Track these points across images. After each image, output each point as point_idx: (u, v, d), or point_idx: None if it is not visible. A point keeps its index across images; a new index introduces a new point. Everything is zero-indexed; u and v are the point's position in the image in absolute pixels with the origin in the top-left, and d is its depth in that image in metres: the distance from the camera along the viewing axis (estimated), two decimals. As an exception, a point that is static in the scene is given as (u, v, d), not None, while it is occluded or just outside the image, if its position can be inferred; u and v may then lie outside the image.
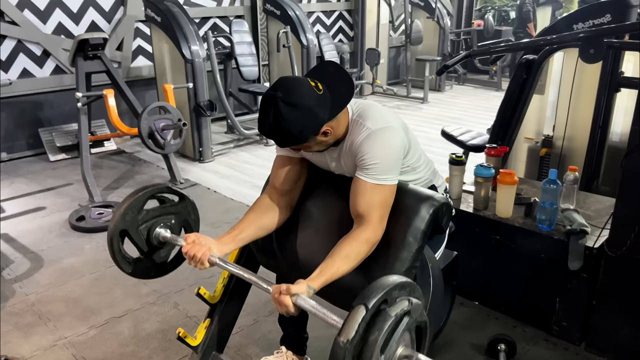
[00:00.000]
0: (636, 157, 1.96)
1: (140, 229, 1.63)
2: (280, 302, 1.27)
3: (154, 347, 2.32)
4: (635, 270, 2.05)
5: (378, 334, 1.01)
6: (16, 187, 4.21)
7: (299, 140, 1.44)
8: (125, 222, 1.61)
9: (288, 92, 1.38)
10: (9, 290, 2.77)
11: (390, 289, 1.05)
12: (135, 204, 1.62)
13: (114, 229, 1.60)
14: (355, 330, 1.00)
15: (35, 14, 4.77)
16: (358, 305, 1.02)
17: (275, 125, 1.39)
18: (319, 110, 1.40)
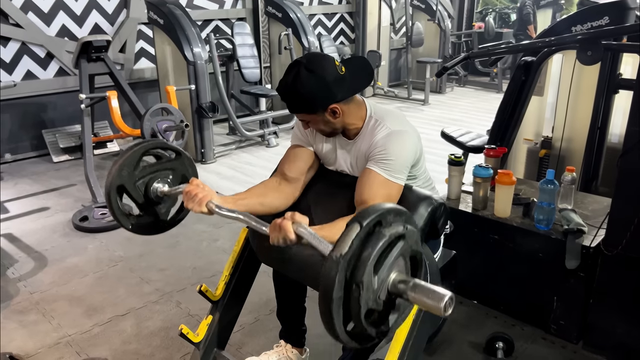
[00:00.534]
0: (632, 158, 1.99)
1: (137, 185, 1.64)
2: (281, 227, 1.27)
3: (156, 345, 2.35)
4: (631, 269, 2.07)
5: (371, 250, 1.01)
6: (20, 187, 4.26)
7: (308, 107, 1.53)
8: (122, 178, 1.61)
9: (312, 61, 1.51)
10: (14, 288, 2.80)
11: (386, 211, 1.05)
12: (130, 160, 1.62)
13: (110, 184, 1.61)
14: (349, 246, 0.99)
15: (39, 17, 4.82)
16: (352, 223, 1.02)
17: (292, 86, 1.51)
18: (334, 86, 1.50)
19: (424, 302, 1.03)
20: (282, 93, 1.55)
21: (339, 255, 0.99)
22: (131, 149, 1.63)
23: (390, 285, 1.07)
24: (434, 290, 1.03)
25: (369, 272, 1.01)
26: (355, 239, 1.00)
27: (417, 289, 1.04)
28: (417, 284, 1.05)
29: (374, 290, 1.04)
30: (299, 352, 1.91)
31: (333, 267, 0.98)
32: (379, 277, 1.05)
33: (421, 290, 1.04)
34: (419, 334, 1.45)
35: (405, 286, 1.06)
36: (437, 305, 1.00)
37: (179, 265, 3.03)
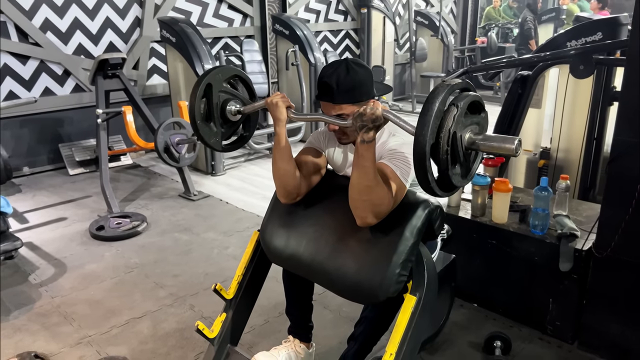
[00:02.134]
0: (619, 165, 2.12)
1: (219, 94, 1.91)
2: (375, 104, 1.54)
3: (172, 345, 2.48)
4: (620, 270, 2.19)
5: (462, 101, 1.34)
6: (38, 199, 4.43)
7: (358, 95, 1.68)
8: (214, 78, 1.88)
9: (354, 59, 1.74)
10: (36, 293, 2.95)
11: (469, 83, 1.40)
12: (226, 71, 1.94)
13: (204, 78, 1.87)
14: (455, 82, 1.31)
15: (57, 36, 5.03)
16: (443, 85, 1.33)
17: (345, 74, 1.65)
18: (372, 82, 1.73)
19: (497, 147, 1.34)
20: (331, 84, 1.66)
21: (448, 84, 1.31)
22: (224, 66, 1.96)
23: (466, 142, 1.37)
24: (503, 137, 1.34)
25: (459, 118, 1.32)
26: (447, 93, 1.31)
27: (487, 139, 1.36)
28: (486, 136, 1.38)
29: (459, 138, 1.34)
30: (307, 347, 2.03)
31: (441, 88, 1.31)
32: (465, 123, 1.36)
33: (491, 139, 1.36)
34: (417, 325, 1.58)
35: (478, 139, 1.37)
36: (510, 147, 1.30)
37: (192, 271, 3.17)
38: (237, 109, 1.94)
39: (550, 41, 3.63)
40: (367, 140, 1.52)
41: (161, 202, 4.30)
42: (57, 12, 4.99)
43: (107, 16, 5.32)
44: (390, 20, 7.63)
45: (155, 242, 3.59)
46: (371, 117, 1.48)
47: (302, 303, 2.03)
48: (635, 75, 2.02)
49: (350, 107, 1.67)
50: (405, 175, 1.64)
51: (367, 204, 1.56)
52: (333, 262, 1.70)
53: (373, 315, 1.78)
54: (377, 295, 1.60)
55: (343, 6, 7.62)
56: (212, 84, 1.88)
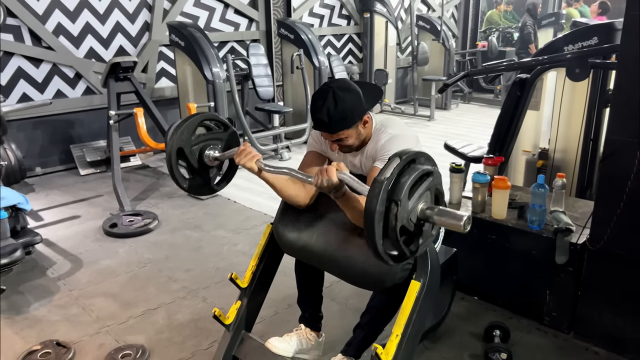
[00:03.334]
0: (611, 163, 2.25)
1: (193, 149, 1.96)
2: (327, 171, 1.56)
3: (186, 334, 2.61)
4: (612, 262, 2.31)
5: (408, 177, 1.34)
6: (51, 198, 4.56)
7: (350, 121, 1.76)
8: (182, 141, 1.93)
9: (340, 83, 1.77)
10: (54, 286, 3.08)
11: (419, 153, 1.39)
12: (190, 126, 1.94)
13: (172, 146, 1.92)
14: (391, 172, 1.31)
15: (69, 40, 5.18)
16: (394, 157, 1.35)
17: (334, 107, 1.72)
18: (362, 98, 1.78)
19: (448, 222, 1.37)
20: (324, 119, 1.73)
21: (384, 179, 1.32)
22: (189, 118, 1.95)
23: (419, 211, 1.39)
24: (454, 212, 1.36)
25: (405, 193, 1.34)
26: (396, 168, 1.33)
27: (441, 213, 1.38)
28: (440, 209, 1.40)
29: (407, 210, 1.37)
30: (317, 335, 2.16)
31: (377, 187, 1.32)
32: (412, 201, 1.37)
33: (444, 214, 1.38)
34: (421, 308, 1.70)
35: (431, 212, 1.39)
36: (458, 224, 1.33)
37: (203, 266, 3.30)
38: (214, 155, 1.98)
39: (549, 45, 3.76)
40: (338, 197, 1.63)
41: (171, 201, 4.43)
42: (69, 16, 5.13)
43: (117, 21, 5.47)
44: (392, 24, 7.77)
45: (166, 239, 3.72)
46: (330, 187, 1.58)
47: (313, 294, 2.16)
48: (626, 77, 2.14)
49: (346, 131, 1.79)
50: None
51: None
52: (343, 252, 1.83)
53: (379, 305, 1.90)
54: (384, 281, 1.73)
55: (346, 11, 7.76)
56: (182, 147, 1.93)
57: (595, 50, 3.07)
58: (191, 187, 2.02)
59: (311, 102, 1.80)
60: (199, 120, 1.97)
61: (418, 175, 1.36)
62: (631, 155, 2.13)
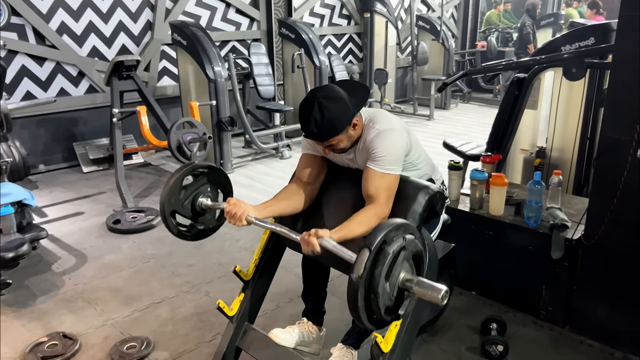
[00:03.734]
0: (605, 160, 2.31)
1: (184, 205, 2.03)
2: (309, 242, 1.60)
3: (190, 327, 2.66)
4: (606, 257, 2.37)
5: (381, 267, 1.37)
6: (55, 195, 4.61)
7: (338, 129, 1.78)
8: (172, 205, 2.01)
9: (325, 91, 1.80)
10: (59, 281, 3.13)
11: (387, 232, 1.39)
12: (174, 188, 2.00)
13: (164, 212, 2.00)
14: (363, 268, 1.34)
15: (72, 38, 5.23)
16: (363, 249, 1.37)
17: (321, 118, 1.75)
18: (349, 102, 1.80)
19: (426, 294, 1.41)
20: (312, 129, 1.77)
21: (357, 277, 1.34)
22: (172, 179, 2.00)
23: (400, 283, 1.44)
24: (433, 285, 1.40)
25: (382, 283, 1.38)
26: (367, 262, 1.36)
27: (420, 284, 1.42)
28: (419, 281, 1.43)
29: (387, 293, 1.41)
30: (318, 329, 2.21)
31: (353, 286, 1.36)
32: (390, 282, 1.41)
33: (423, 286, 1.41)
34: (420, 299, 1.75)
35: (410, 284, 1.43)
36: (436, 297, 1.37)
37: (206, 261, 3.35)
38: (206, 204, 2.05)
39: (547, 45, 3.82)
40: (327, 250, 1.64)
41: (173, 198, 4.48)
42: (72, 15, 5.19)
43: (120, 20, 5.52)
44: (392, 24, 7.82)
45: (169, 235, 3.64)
46: (314, 253, 1.64)
47: (318, 289, 2.21)
48: (620, 77, 2.20)
49: (336, 137, 1.83)
50: (389, 165, 1.81)
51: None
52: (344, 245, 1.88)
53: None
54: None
55: (347, 11, 7.82)
56: (175, 210, 2.01)
57: (591, 50, 3.13)
58: (194, 235, 2.11)
59: (299, 112, 1.83)
60: (182, 177, 2.02)
61: (391, 259, 1.38)
62: (625, 152, 2.18)
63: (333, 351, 2.01)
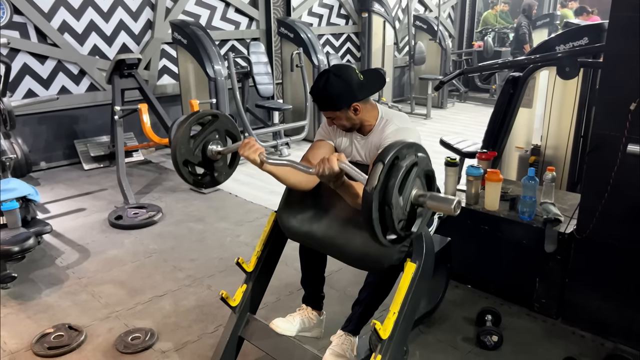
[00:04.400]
0: (596, 156, 2.38)
1: (195, 154, 2.07)
2: (329, 160, 1.65)
3: (192, 319, 2.73)
4: (597, 250, 2.45)
5: (394, 180, 1.43)
6: (57, 191, 4.67)
7: (334, 105, 1.91)
8: (182, 155, 2.05)
9: (338, 69, 1.93)
10: (63, 275, 3.19)
11: (400, 148, 1.46)
12: (183, 138, 2.03)
13: (177, 163, 2.04)
14: (377, 180, 1.41)
15: (73, 37, 5.29)
16: (377, 163, 1.44)
17: (323, 89, 1.89)
18: (356, 88, 1.91)
19: (439, 206, 1.48)
20: (314, 95, 1.94)
21: (372, 188, 1.41)
22: (180, 129, 2.03)
23: (412, 199, 1.50)
24: (445, 197, 1.48)
25: (395, 195, 1.44)
26: (381, 174, 1.42)
27: (432, 198, 1.49)
28: (432, 195, 1.51)
29: (400, 207, 1.48)
30: (318, 314, 2.28)
31: (368, 197, 1.42)
32: (403, 196, 1.48)
33: (435, 199, 1.49)
34: (417, 288, 1.82)
35: (424, 198, 1.50)
36: (449, 207, 1.44)
37: (207, 256, 3.42)
38: (217, 150, 2.08)
39: (541, 45, 3.89)
40: (337, 186, 1.73)
41: (174, 195, 4.55)
42: (74, 14, 5.24)
43: (120, 19, 5.58)
44: (390, 24, 7.89)
45: (171, 230, 3.83)
46: (331, 175, 1.67)
47: (316, 275, 2.28)
48: (611, 75, 2.27)
49: (334, 113, 1.95)
50: None
51: None
52: (343, 236, 1.95)
53: (376, 281, 2.03)
54: (382, 263, 1.85)
55: (345, 11, 7.89)
56: (187, 159, 2.04)
57: (584, 49, 3.20)
58: (208, 183, 2.17)
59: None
60: (189, 127, 2.05)
61: (404, 173, 1.43)
62: (615, 148, 2.26)
63: (333, 339, 2.07)
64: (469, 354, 2.43)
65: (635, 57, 2.16)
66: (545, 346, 2.48)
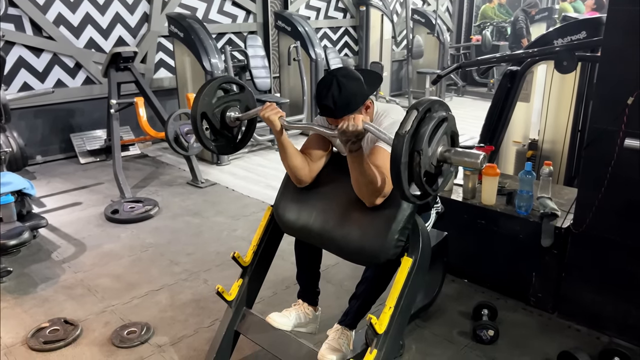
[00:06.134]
0: (593, 150, 2.37)
1: (215, 112, 2.08)
2: (355, 118, 1.68)
3: (189, 313, 2.72)
4: (594, 245, 2.45)
5: (426, 128, 1.48)
6: (53, 185, 4.65)
7: (353, 106, 1.86)
8: (204, 105, 2.05)
9: (343, 71, 1.89)
10: (59, 269, 3.18)
11: (433, 101, 1.52)
12: (210, 90, 2.05)
13: (196, 111, 2.04)
14: (411, 125, 1.45)
15: (69, 30, 5.25)
16: (412, 110, 1.48)
17: (338, 93, 1.83)
18: (364, 84, 1.90)
19: (464, 160, 1.54)
20: (330, 105, 1.84)
21: (405, 132, 1.46)
22: (209, 83, 2.06)
23: (439, 154, 1.55)
24: (470, 152, 1.53)
25: (425, 142, 1.49)
26: (414, 120, 1.47)
27: (457, 154, 1.55)
28: (457, 151, 1.56)
29: (428, 157, 1.52)
30: (314, 310, 2.27)
31: (400, 140, 1.46)
32: (431, 147, 1.52)
33: (461, 154, 1.54)
34: (413, 283, 1.82)
35: (450, 154, 1.55)
36: (475, 161, 1.51)
37: (204, 250, 3.41)
38: (235, 116, 2.10)
39: (540, 39, 3.88)
40: (354, 150, 1.73)
41: (171, 189, 4.53)
42: (69, 7, 5.20)
43: (116, 11, 5.54)
44: (388, 18, 7.86)
45: (167, 224, 3.82)
46: (354, 133, 1.68)
47: (311, 270, 2.27)
48: (608, 69, 2.27)
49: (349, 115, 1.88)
50: None
51: (371, 193, 1.83)
52: (340, 230, 1.94)
53: (373, 275, 2.02)
54: (378, 257, 1.85)
55: (342, 4, 7.85)
56: (205, 111, 2.05)
57: (582, 43, 3.19)
58: (217, 147, 2.16)
59: (316, 90, 1.91)
60: (219, 83, 2.09)
61: (435, 124, 1.49)
62: (612, 142, 2.25)
63: (329, 333, 2.07)
64: (465, 348, 2.43)
65: (633, 51, 2.15)
66: (541, 340, 2.48)
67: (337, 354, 1.95)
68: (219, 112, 2.09)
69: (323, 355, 1.93)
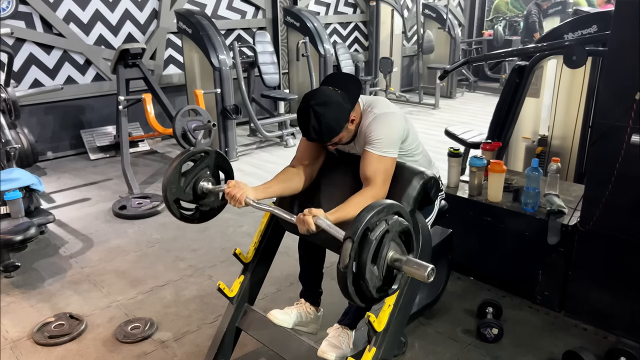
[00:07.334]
0: (600, 146, 2.33)
1: (186, 191, 2.07)
2: (304, 221, 1.65)
3: (193, 309, 2.73)
4: (601, 243, 2.40)
5: (366, 255, 1.40)
6: (63, 181, 4.69)
7: (337, 130, 1.84)
8: (173, 194, 2.06)
9: (317, 98, 1.83)
10: (66, 264, 3.21)
11: (369, 218, 1.41)
12: (173, 177, 2.04)
13: (168, 202, 2.06)
14: (348, 258, 1.38)
15: (79, 27, 5.29)
16: (347, 239, 1.40)
17: (318, 124, 1.80)
18: (343, 102, 1.84)
19: (413, 272, 1.44)
20: (313, 134, 1.83)
21: (344, 267, 1.40)
22: (170, 168, 2.04)
23: (389, 261, 1.47)
24: (420, 263, 1.43)
25: (369, 268, 1.42)
26: (351, 252, 1.39)
27: (407, 263, 1.45)
28: (408, 260, 1.46)
29: (375, 276, 1.45)
30: (315, 310, 2.26)
31: (342, 275, 1.41)
32: (378, 264, 1.45)
33: (410, 265, 1.44)
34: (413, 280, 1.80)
35: (399, 263, 1.46)
36: (422, 275, 1.41)
37: (209, 246, 3.42)
38: (207, 188, 2.10)
39: (550, 33, 3.81)
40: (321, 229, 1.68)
41: (178, 185, 4.54)
42: (79, 4, 5.24)
43: (126, 8, 5.57)
44: (398, 13, 7.80)
45: (174, 220, 3.70)
46: (310, 232, 1.67)
47: (314, 270, 2.26)
48: (615, 63, 2.22)
49: (337, 137, 1.89)
50: (386, 148, 1.86)
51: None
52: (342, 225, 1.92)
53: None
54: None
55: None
56: (178, 197, 2.06)
57: (591, 37, 3.12)
58: (200, 218, 2.18)
59: (297, 120, 1.89)
60: (179, 167, 2.05)
61: (375, 244, 1.41)
62: (620, 138, 2.21)
63: (329, 331, 2.06)
64: (468, 346, 2.41)
65: (641, 45, 2.10)
66: (546, 339, 2.45)
67: (337, 351, 1.94)
68: (191, 188, 2.08)
69: (323, 351, 1.92)
